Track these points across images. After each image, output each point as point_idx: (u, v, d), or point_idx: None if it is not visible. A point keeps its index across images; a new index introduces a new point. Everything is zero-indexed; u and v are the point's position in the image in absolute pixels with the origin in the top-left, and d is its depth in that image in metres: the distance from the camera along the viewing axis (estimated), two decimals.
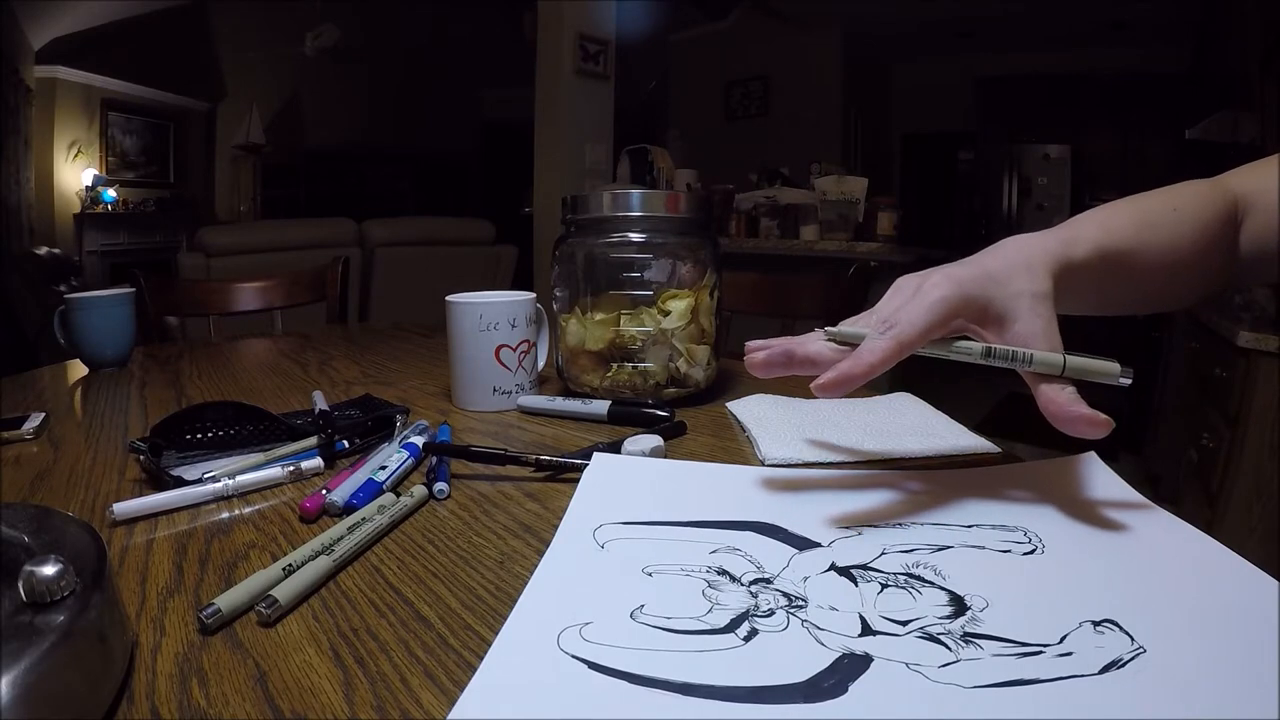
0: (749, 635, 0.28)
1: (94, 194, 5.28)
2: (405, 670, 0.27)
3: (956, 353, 0.38)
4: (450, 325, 0.66)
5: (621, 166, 3.32)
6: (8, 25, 4.20)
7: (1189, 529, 0.36)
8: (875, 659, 0.26)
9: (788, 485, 0.45)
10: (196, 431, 0.52)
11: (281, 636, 0.30)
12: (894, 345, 0.37)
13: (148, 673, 0.27)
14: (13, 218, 4.36)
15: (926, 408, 0.62)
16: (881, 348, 0.37)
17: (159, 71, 5.50)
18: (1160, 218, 0.47)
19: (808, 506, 0.41)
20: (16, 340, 3.02)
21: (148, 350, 1.03)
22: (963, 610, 0.30)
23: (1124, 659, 0.26)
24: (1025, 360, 0.37)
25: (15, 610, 0.23)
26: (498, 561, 0.36)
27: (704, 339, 0.67)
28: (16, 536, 0.27)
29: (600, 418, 0.61)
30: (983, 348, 0.38)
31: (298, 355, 0.98)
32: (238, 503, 0.44)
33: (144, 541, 0.39)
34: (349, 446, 0.53)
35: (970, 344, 0.39)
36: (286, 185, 6.27)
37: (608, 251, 0.67)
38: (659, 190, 2.26)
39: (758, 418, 0.59)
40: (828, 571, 0.33)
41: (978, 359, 0.38)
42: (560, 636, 0.28)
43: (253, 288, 1.39)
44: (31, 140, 4.72)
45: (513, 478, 0.48)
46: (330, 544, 0.36)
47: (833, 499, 0.42)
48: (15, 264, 3.70)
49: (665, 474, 0.47)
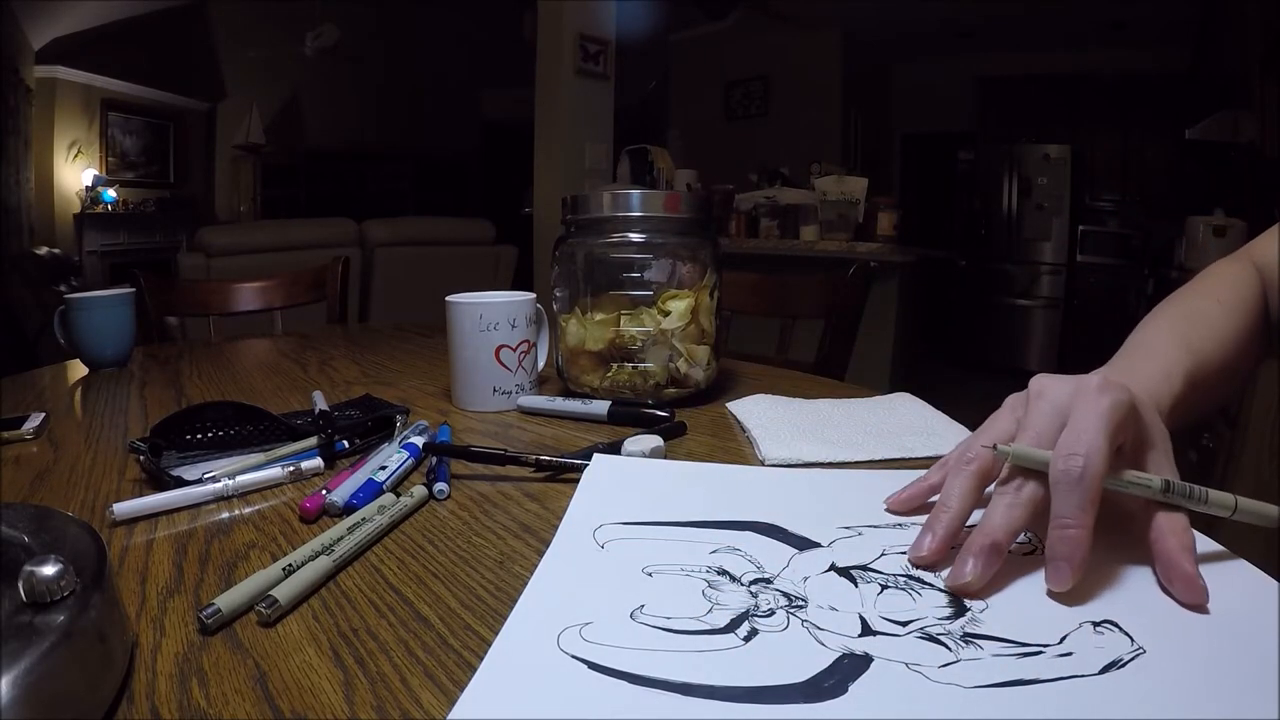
0: (749, 635, 0.28)
1: (94, 194, 5.28)
2: (405, 670, 0.27)
3: (1136, 484, 0.33)
4: (450, 325, 0.66)
5: (621, 166, 3.32)
6: (8, 25, 4.20)
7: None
8: (875, 659, 0.26)
9: (788, 485, 0.45)
10: (196, 431, 0.52)
11: (281, 636, 0.30)
12: (1091, 491, 0.31)
13: (148, 673, 0.27)
14: (13, 218, 4.35)
15: (926, 408, 0.62)
16: (1079, 513, 0.31)
17: (159, 71, 5.50)
18: (1212, 316, 0.45)
19: (808, 506, 0.41)
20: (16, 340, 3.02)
21: (148, 350, 1.03)
22: (962, 611, 0.30)
23: (1124, 659, 0.26)
24: (1202, 500, 0.33)
25: (15, 610, 0.23)
26: (498, 561, 0.36)
27: (704, 339, 0.67)
28: (16, 536, 0.27)
29: (600, 418, 0.61)
30: (1162, 482, 0.33)
31: (298, 355, 0.98)
32: (238, 503, 0.44)
33: (144, 541, 0.39)
34: (349, 446, 0.53)
35: (1144, 475, 0.33)
36: (286, 185, 6.27)
37: (608, 251, 0.67)
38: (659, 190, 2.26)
39: (758, 418, 0.59)
40: (828, 572, 0.33)
41: (1157, 494, 0.33)
42: (560, 636, 0.28)
43: (253, 288, 1.39)
44: (31, 140, 4.71)
45: (513, 478, 0.48)
46: (330, 544, 0.36)
47: (833, 499, 0.42)
48: (15, 264, 3.70)
49: (665, 474, 0.47)
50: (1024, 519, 0.33)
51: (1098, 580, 0.32)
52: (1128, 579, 0.32)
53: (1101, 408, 0.33)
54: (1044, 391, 0.36)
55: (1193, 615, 0.29)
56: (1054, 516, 0.32)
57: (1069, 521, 0.31)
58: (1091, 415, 0.33)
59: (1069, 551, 0.31)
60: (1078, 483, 0.31)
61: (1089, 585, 0.31)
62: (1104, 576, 0.32)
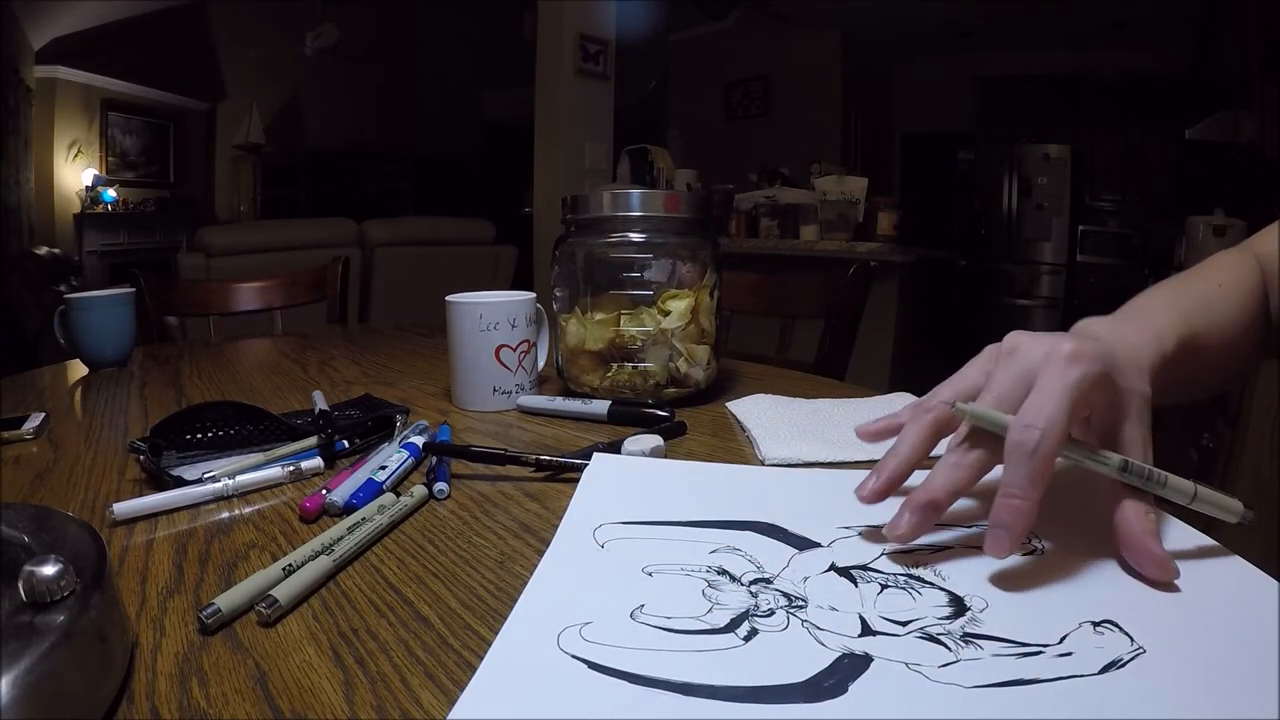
0: (749, 635, 0.28)
1: (94, 194, 5.28)
2: (405, 670, 0.27)
3: (1092, 460, 0.33)
4: (450, 325, 0.66)
5: (621, 166, 3.32)
6: (8, 25, 4.20)
7: (1189, 530, 0.36)
8: (875, 659, 0.26)
9: (788, 485, 0.45)
10: (196, 431, 0.52)
11: (281, 636, 0.30)
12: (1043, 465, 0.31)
13: (148, 673, 0.27)
14: (13, 218, 4.36)
15: None
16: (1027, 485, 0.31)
17: (159, 71, 5.51)
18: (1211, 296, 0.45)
19: (808, 506, 0.41)
20: (16, 340, 3.02)
21: (148, 350, 1.03)
22: (962, 610, 0.30)
23: (1124, 659, 0.26)
24: (1160, 482, 0.33)
25: (15, 610, 0.23)
26: (498, 561, 0.36)
27: (704, 339, 0.67)
28: (16, 536, 0.27)
29: (600, 418, 0.61)
30: (1120, 460, 0.33)
31: (298, 355, 0.98)
32: (238, 503, 0.44)
33: (144, 541, 0.39)
34: (349, 446, 0.53)
35: (1103, 453, 0.33)
36: (286, 185, 6.28)
37: (608, 251, 0.67)
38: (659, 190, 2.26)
39: (758, 418, 0.59)
40: (828, 571, 0.33)
41: (1114, 472, 0.33)
42: (560, 636, 0.28)
43: (253, 288, 1.39)
44: (31, 140, 4.72)
45: (513, 478, 0.48)
46: (330, 544, 0.36)
47: (833, 499, 0.42)
48: (15, 264, 3.70)
49: (665, 474, 0.47)
50: (968, 481, 0.34)
51: (1098, 580, 0.32)
52: (1128, 579, 0.32)
53: (1069, 380, 0.32)
54: (1016, 350, 0.36)
55: (1193, 615, 0.29)
56: (1002, 484, 0.32)
57: (1015, 492, 0.31)
58: (1057, 386, 0.32)
59: (1010, 520, 0.31)
60: (1029, 455, 0.31)
61: (1089, 585, 0.31)
62: (1104, 576, 0.32)
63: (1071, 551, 0.35)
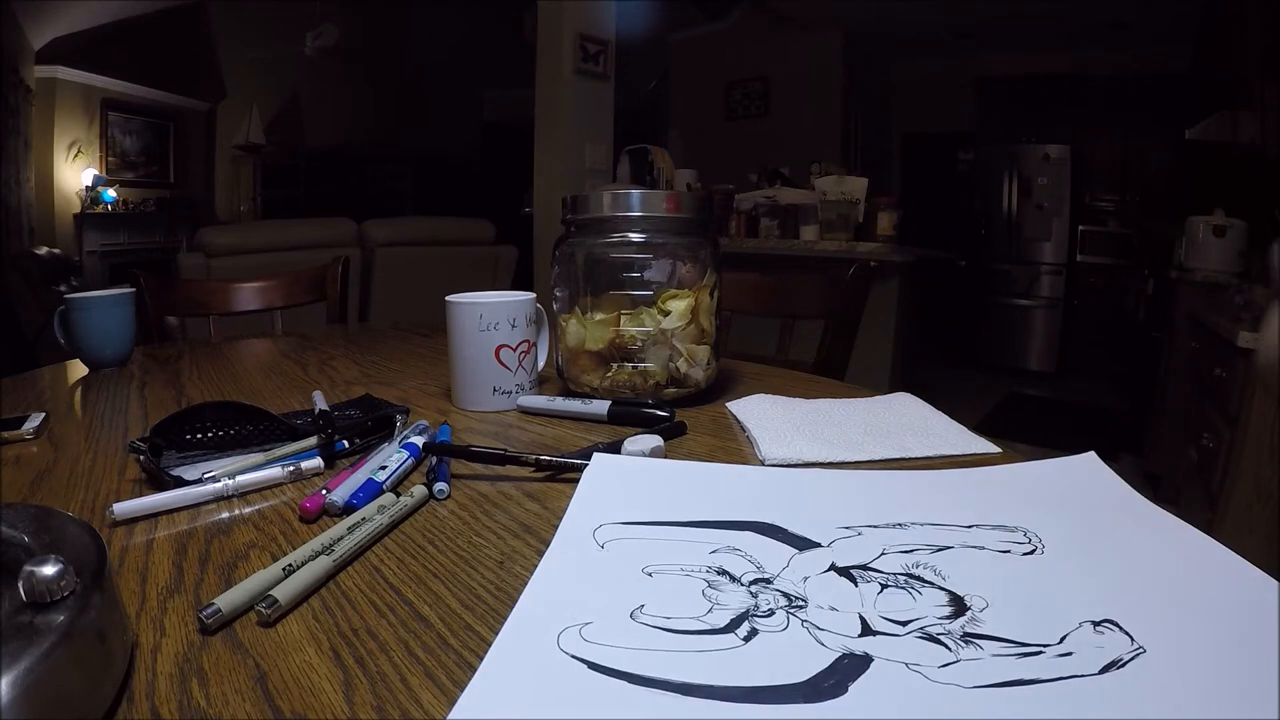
0: (749, 635, 0.28)
1: (94, 194, 5.27)
2: (405, 670, 0.27)
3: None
4: (450, 325, 0.66)
5: (621, 166, 3.32)
6: (8, 25, 4.20)
7: (1189, 529, 0.36)
8: (875, 659, 0.26)
9: (788, 485, 0.45)
10: (196, 431, 0.52)
11: (281, 636, 0.30)
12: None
13: (148, 673, 0.27)
14: (13, 218, 4.36)
15: (926, 408, 0.62)
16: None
17: (159, 71, 5.50)
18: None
19: (808, 506, 0.41)
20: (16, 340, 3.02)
21: (148, 350, 1.03)
22: (963, 610, 0.30)
23: (1124, 659, 0.26)
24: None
25: (15, 610, 0.23)
26: (498, 561, 0.36)
27: (704, 339, 0.67)
28: (16, 536, 0.27)
29: (600, 418, 0.61)
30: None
31: (298, 355, 0.98)
32: (238, 503, 0.44)
33: (144, 541, 0.39)
34: (349, 446, 0.53)
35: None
36: (286, 185, 6.27)
37: (608, 251, 0.67)
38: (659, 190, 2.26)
39: (758, 418, 0.59)
40: (828, 572, 0.33)
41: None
42: (560, 636, 0.28)
43: (253, 288, 1.39)
44: (31, 140, 4.71)
45: (513, 478, 0.48)
46: (330, 544, 0.36)
47: (833, 499, 0.42)
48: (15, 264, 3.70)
49: (665, 474, 0.47)
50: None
51: (1098, 580, 0.32)
52: (1128, 579, 0.32)
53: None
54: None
55: (1193, 615, 0.29)
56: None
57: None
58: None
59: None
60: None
61: (1089, 585, 0.31)
62: (1104, 576, 0.32)
63: (1071, 551, 0.35)
